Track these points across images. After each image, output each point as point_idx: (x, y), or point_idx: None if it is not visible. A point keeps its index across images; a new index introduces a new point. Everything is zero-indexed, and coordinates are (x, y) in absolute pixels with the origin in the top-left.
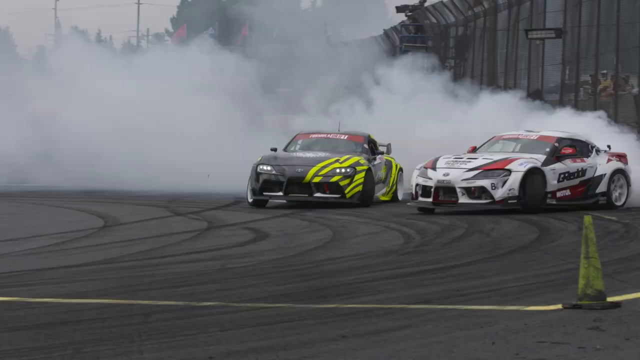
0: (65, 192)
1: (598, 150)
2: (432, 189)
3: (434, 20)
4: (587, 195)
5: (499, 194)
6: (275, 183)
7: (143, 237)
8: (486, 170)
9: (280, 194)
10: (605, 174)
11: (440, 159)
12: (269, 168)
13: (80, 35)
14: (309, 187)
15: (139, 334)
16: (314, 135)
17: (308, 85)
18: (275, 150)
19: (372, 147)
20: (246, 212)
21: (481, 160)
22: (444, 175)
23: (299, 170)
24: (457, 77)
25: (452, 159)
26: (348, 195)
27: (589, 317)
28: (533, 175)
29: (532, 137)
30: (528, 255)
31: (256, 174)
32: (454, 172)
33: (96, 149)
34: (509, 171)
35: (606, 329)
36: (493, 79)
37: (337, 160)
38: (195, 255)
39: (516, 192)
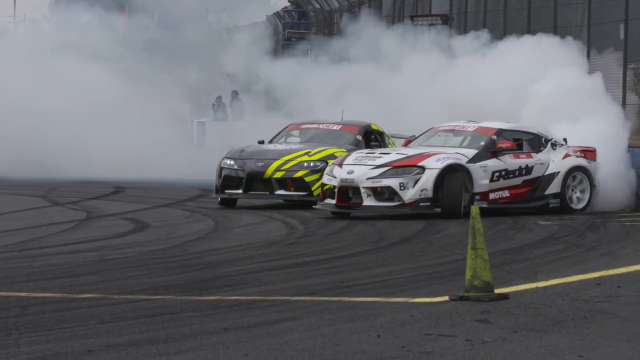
0: None
1: (554, 144)
2: (336, 190)
3: (317, 6)
4: (533, 197)
5: (409, 195)
6: (235, 179)
7: (20, 228)
8: (396, 168)
9: (240, 191)
10: (558, 172)
11: (352, 155)
12: (231, 162)
13: None
14: (270, 183)
15: (16, 326)
16: (304, 126)
17: (188, 72)
18: (262, 142)
19: (370, 139)
20: (126, 202)
21: (394, 155)
22: (347, 173)
23: (259, 164)
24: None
25: (363, 154)
26: (316, 193)
27: (477, 309)
28: (452, 173)
29: (469, 129)
30: (414, 246)
31: (219, 169)
32: (359, 169)
33: None
34: (422, 168)
35: (494, 321)
36: None
37: (307, 153)
38: (73, 246)
39: (430, 194)
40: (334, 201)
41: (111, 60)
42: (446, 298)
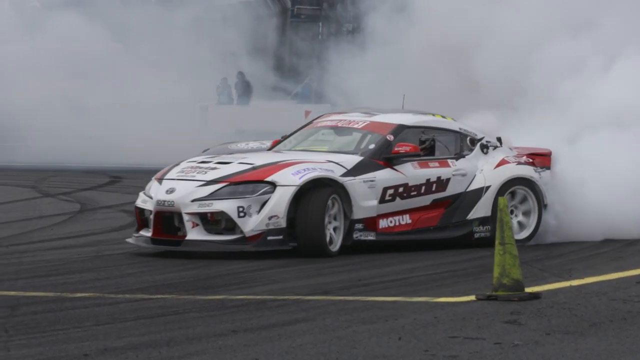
0: None
1: (486, 146)
2: (152, 216)
3: None
4: (448, 224)
5: (251, 224)
6: None
7: (7, 221)
8: (234, 184)
9: None
10: (489, 187)
11: (181, 164)
12: None
13: None
14: None
15: (5, 328)
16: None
17: (189, 52)
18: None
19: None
20: (123, 193)
21: (235, 165)
22: (167, 192)
23: None
24: (358, 44)
25: (194, 164)
26: None
27: (506, 309)
28: (316, 191)
29: (357, 125)
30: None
31: None
32: (183, 186)
33: None
34: (273, 185)
35: (525, 323)
36: None
37: None
38: (66, 241)
39: (282, 222)
40: (149, 233)
41: (108, 38)
42: (473, 297)
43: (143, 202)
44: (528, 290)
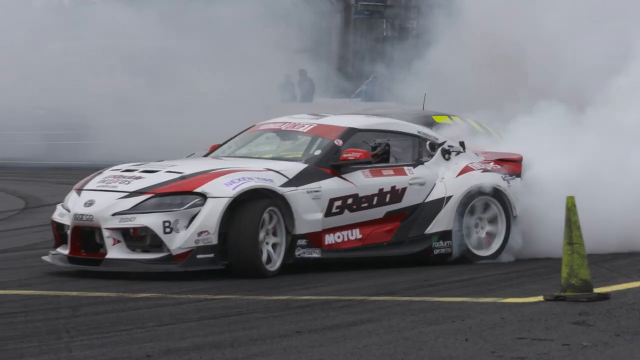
0: None
1: (447, 151)
2: (70, 231)
3: None
4: (404, 239)
5: (178, 241)
6: None
7: None
8: (160, 196)
9: None
10: (450, 197)
11: (104, 173)
12: None
13: None
14: None
15: (66, 329)
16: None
17: (250, 50)
18: None
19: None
20: None
21: (161, 175)
22: (85, 205)
23: None
24: (421, 43)
25: (117, 173)
26: None
27: (574, 310)
28: (249, 204)
29: (302, 129)
30: None
31: None
32: (103, 198)
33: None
34: (203, 197)
35: (593, 324)
36: None
37: None
38: None
39: (213, 239)
40: (67, 250)
41: (169, 36)
42: (540, 298)
43: (60, 215)
44: (597, 290)
